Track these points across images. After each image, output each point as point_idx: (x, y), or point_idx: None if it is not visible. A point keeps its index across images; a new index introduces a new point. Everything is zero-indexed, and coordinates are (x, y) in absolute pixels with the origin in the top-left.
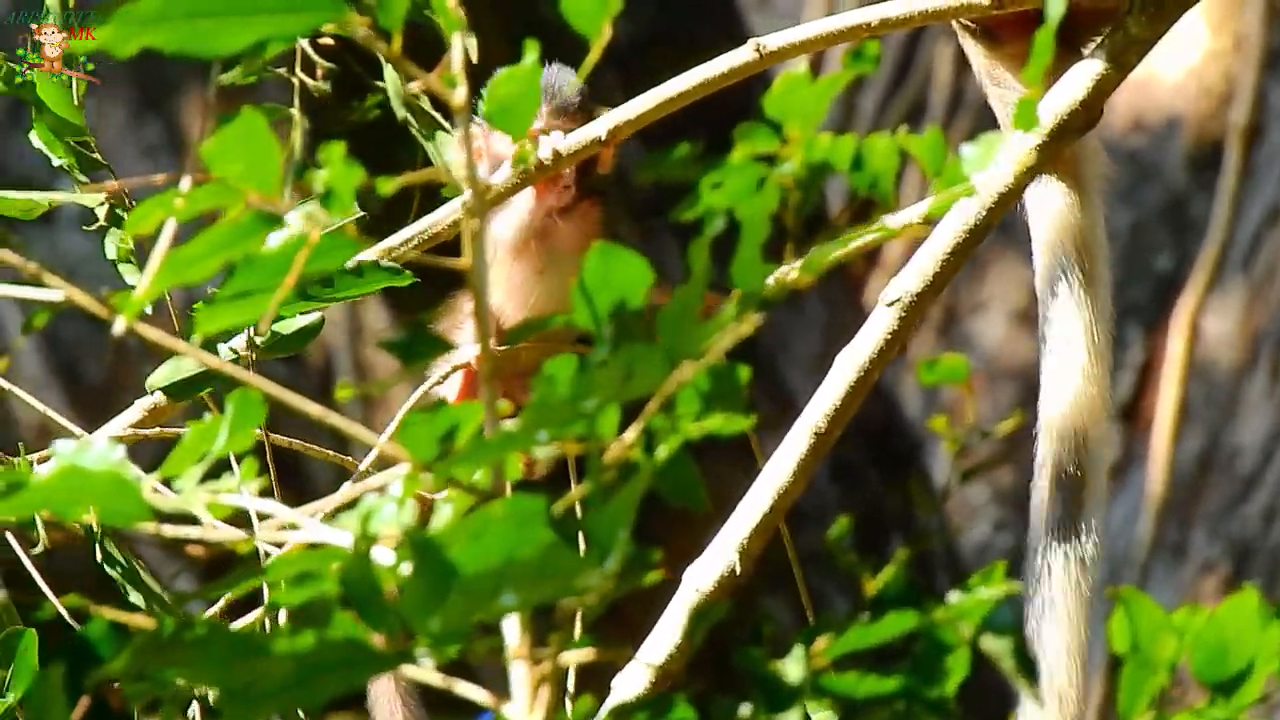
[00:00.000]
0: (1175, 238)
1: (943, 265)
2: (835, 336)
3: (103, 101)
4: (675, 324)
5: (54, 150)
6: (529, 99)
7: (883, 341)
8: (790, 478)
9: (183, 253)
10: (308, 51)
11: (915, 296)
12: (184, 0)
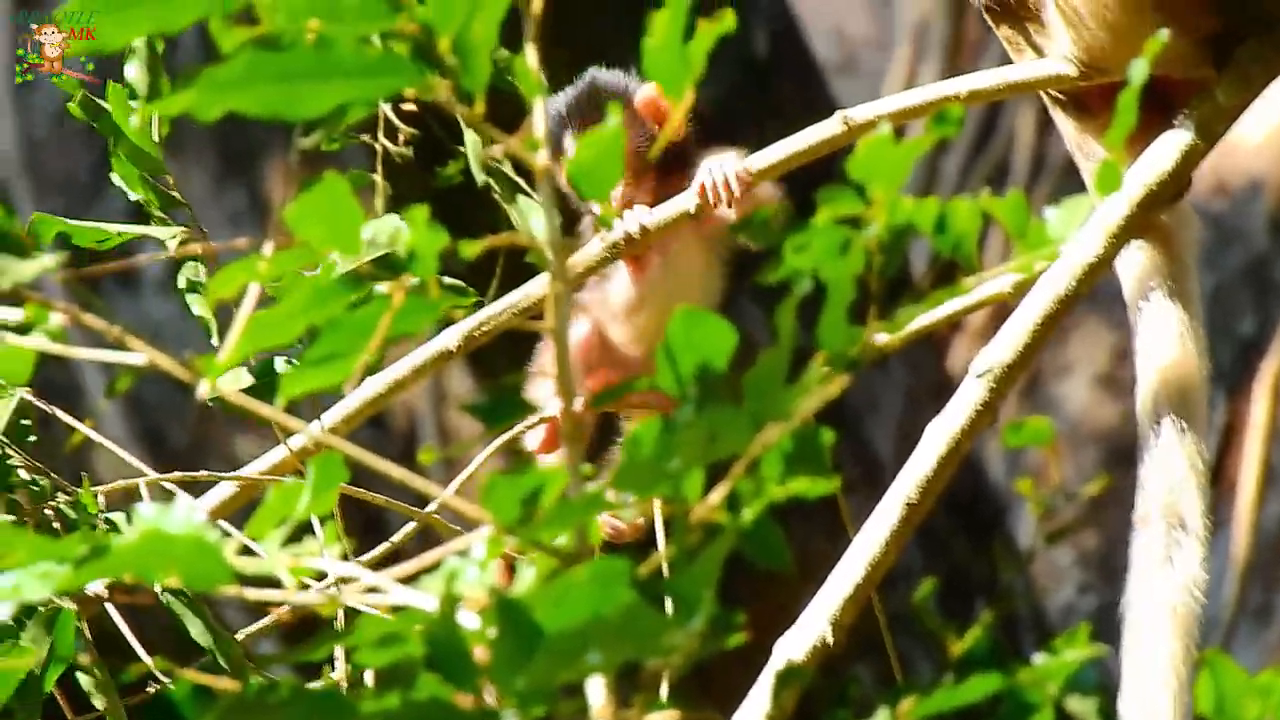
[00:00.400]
0: (1257, 301)
1: (1032, 335)
2: (920, 399)
3: (187, 168)
4: (761, 386)
5: (131, 185)
6: (611, 163)
7: (973, 413)
8: (882, 548)
9: (266, 316)
10: (390, 116)
11: (1006, 367)
12: (267, 64)
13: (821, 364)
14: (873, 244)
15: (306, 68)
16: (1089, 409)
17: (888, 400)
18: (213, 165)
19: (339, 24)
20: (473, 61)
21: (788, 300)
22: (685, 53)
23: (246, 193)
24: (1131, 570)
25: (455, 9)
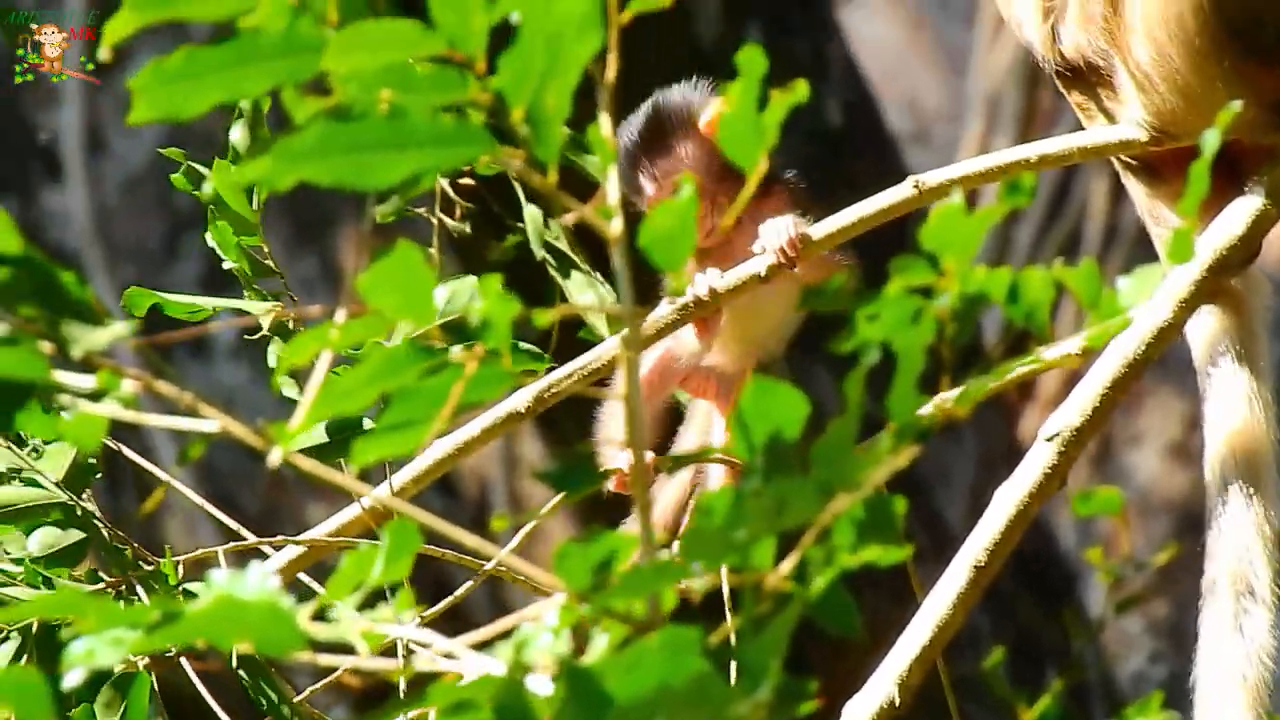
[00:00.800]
0: None
1: (1102, 400)
2: (991, 468)
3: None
4: (830, 455)
5: (227, 252)
6: (685, 234)
7: (1042, 477)
8: (949, 611)
9: (339, 384)
10: (448, 191)
11: (1075, 431)
12: (341, 134)
13: (891, 434)
14: (945, 314)
15: (379, 138)
16: (1160, 478)
17: (959, 469)
18: (285, 232)
19: (412, 94)
20: (546, 131)
21: (856, 370)
22: (759, 123)
23: (318, 260)
24: (1201, 638)
25: (528, 78)
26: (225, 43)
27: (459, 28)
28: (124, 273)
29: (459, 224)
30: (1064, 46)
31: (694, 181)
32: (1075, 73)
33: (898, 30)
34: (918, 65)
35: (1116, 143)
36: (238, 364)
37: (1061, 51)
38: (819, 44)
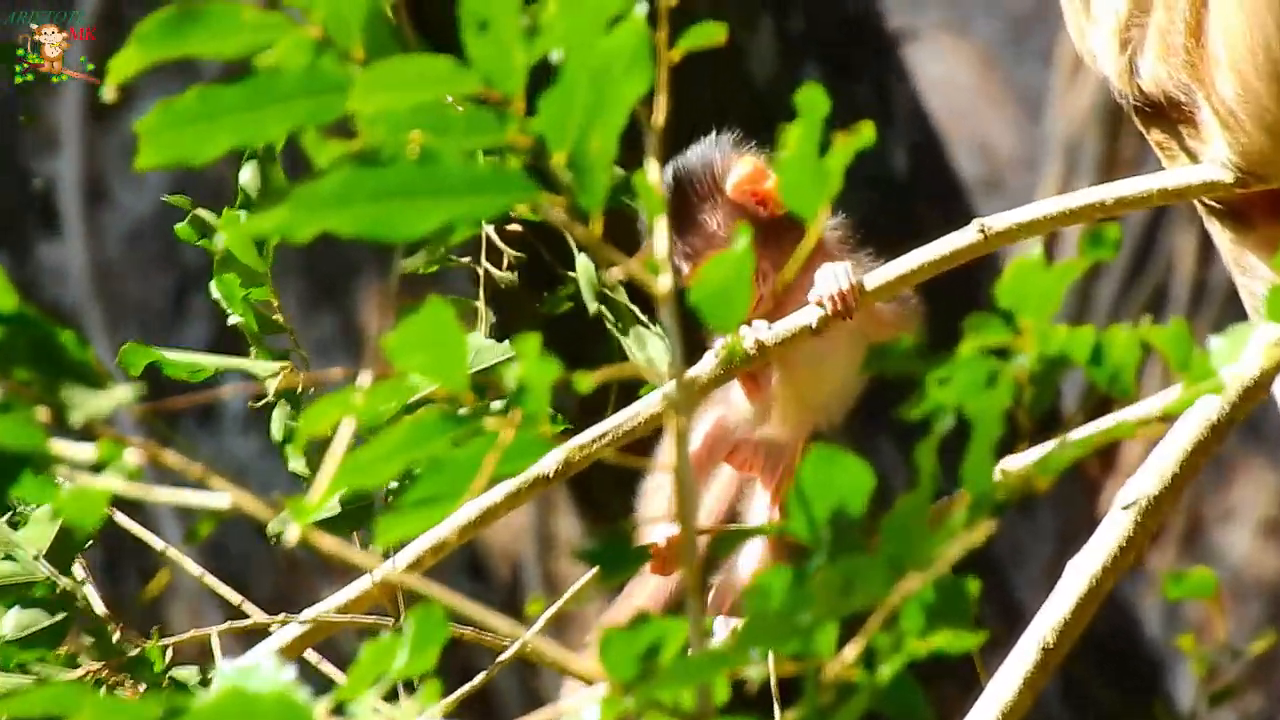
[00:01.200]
0: None
1: (1182, 466)
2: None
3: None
4: (900, 531)
5: (233, 306)
6: (739, 290)
7: (1117, 549)
8: (1016, 695)
9: (362, 454)
10: (493, 239)
11: (1153, 500)
12: (366, 180)
13: (966, 507)
14: (1022, 376)
15: (409, 184)
16: (1253, 557)
17: (1035, 547)
18: (301, 290)
19: (444, 136)
20: (590, 178)
21: (929, 438)
22: (821, 168)
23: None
24: None
25: (571, 121)
26: (241, 81)
27: (496, 64)
28: (126, 333)
29: (506, 275)
30: (1143, 80)
31: (748, 232)
32: (1155, 109)
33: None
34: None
35: (1199, 184)
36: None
37: (1140, 86)
38: (883, 85)
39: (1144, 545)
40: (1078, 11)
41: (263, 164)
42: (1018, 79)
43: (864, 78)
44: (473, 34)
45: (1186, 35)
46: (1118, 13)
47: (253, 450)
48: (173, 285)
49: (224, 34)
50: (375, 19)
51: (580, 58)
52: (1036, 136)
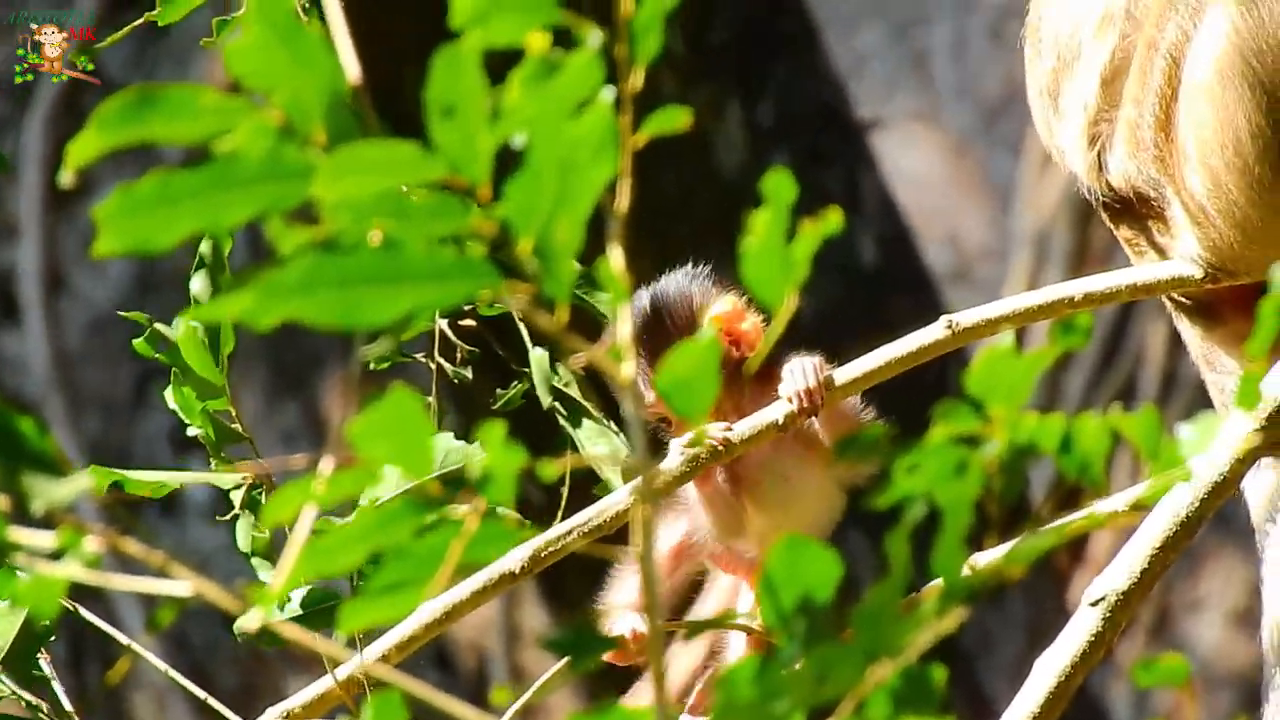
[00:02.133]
0: None
1: (1151, 561)
2: (1039, 637)
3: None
4: (872, 620)
5: (190, 418)
6: (706, 378)
7: (1086, 644)
8: None
9: (325, 541)
10: (447, 333)
11: (1122, 595)
12: (330, 267)
13: (937, 596)
14: (992, 465)
15: (372, 272)
16: (1223, 648)
17: (1004, 638)
18: (264, 380)
19: (408, 224)
20: (556, 265)
21: (900, 527)
22: (787, 256)
23: (300, 410)
24: None
25: (538, 207)
26: (202, 167)
27: (461, 150)
28: (88, 424)
29: (459, 369)
30: (1111, 176)
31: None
32: (1124, 205)
33: (938, 160)
34: (959, 198)
35: (1169, 280)
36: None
37: (1109, 181)
38: (852, 174)
39: (1114, 640)
40: (1046, 107)
41: (213, 270)
42: (988, 169)
43: (833, 167)
44: (438, 119)
45: (1156, 130)
46: (1086, 107)
47: (217, 541)
48: (134, 375)
49: (184, 118)
50: (337, 104)
51: (546, 143)
52: (1006, 227)
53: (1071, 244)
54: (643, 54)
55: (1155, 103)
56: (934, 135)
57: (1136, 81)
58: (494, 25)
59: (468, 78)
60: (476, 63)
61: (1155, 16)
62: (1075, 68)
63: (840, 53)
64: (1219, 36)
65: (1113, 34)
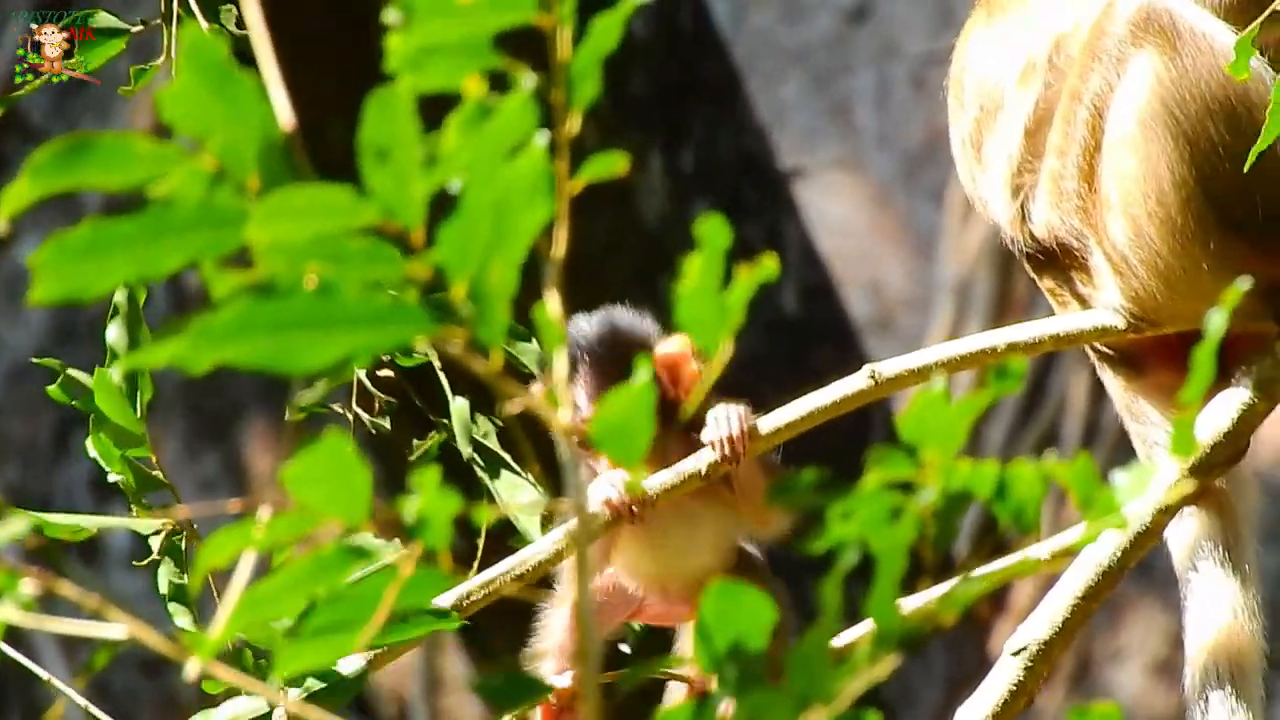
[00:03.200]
0: None
1: (1074, 610)
2: (960, 688)
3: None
4: (805, 665)
5: (110, 465)
6: (640, 424)
7: (1007, 694)
8: None
9: (262, 588)
10: (365, 383)
11: (1044, 645)
12: (264, 312)
13: (871, 641)
14: (926, 511)
15: (307, 316)
16: (1143, 697)
17: (925, 689)
18: (183, 429)
19: (343, 268)
20: (491, 309)
21: (834, 572)
22: (722, 301)
23: (220, 458)
24: None
25: (472, 252)
26: (136, 214)
27: (395, 195)
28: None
29: (377, 419)
30: (1035, 226)
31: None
32: (1047, 255)
33: (860, 209)
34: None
35: (1092, 330)
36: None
37: (1032, 232)
38: (774, 223)
39: (1035, 690)
40: (969, 157)
41: (129, 321)
42: (910, 218)
43: (755, 216)
44: (371, 164)
45: (1079, 181)
46: (1010, 158)
47: (137, 587)
48: (56, 423)
49: (118, 165)
50: (270, 149)
51: (481, 188)
52: (928, 276)
53: (993, 293)
54: (580, 99)
55: (1079, 153)
56: (856, 184)
57: (1060, 132)
58: (429, 69)
59: (401, 121)
60: (410, 106)
61: (1079, 67)
62: (999, 118)
63: (762, 101)
64: (1142, 87)
65: (1036, 84)
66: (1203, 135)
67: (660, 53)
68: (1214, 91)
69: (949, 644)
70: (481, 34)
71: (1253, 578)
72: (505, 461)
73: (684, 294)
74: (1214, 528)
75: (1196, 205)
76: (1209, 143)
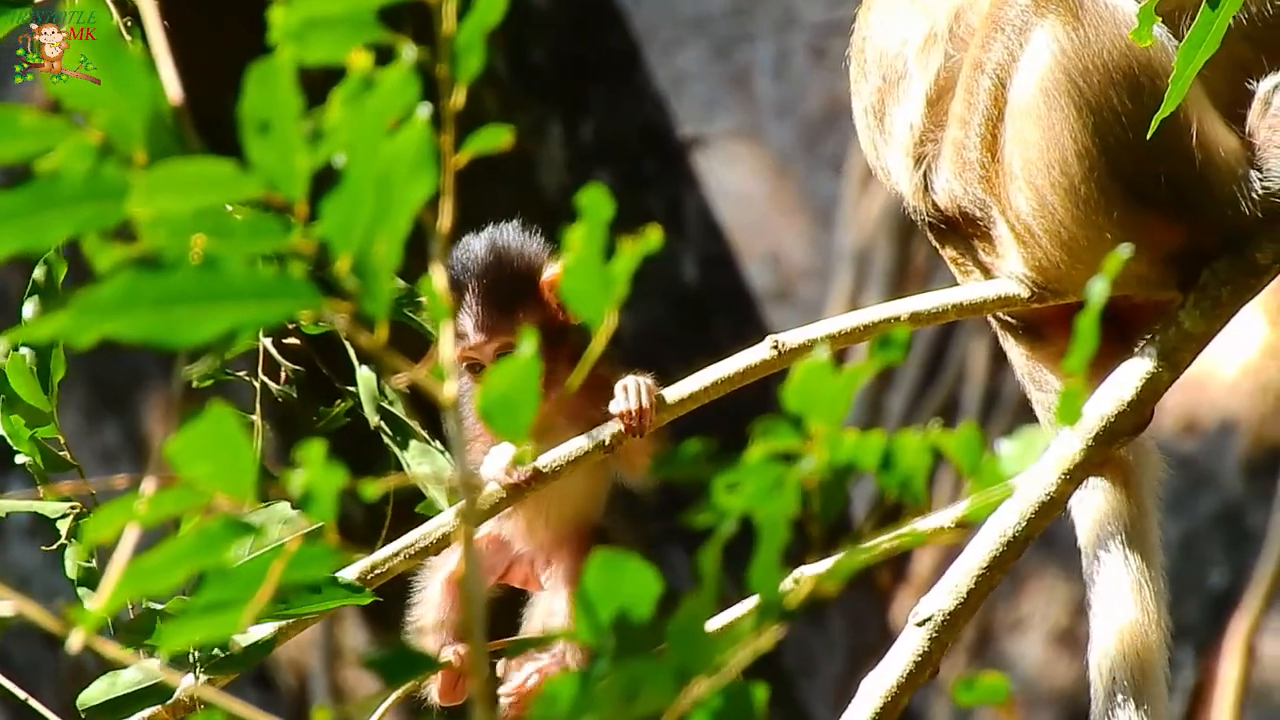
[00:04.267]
0: (1229, 550)
1: (978, 581)
2: (861, 658)
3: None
4: (685, 636)
5: (19, 445)
6: (527, 397)
7: (912, 664)
8: None
9: (145, 562)
10: (271, 352)
11: (948, 615)
12: (148, 285)
13: (754, 612)
14: (811, 483)
15: (191, 290)
16: (1045, 667)
17: (826, 658)
18: (84, 399)
19: (227, 241)
20: (375, 283)
21: (712, 541)
22: (606, 274)
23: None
24: None
25: (355, 226)
26: (22, 187)
27: (278, 168)
28: None
29: (284, 388)
30: (937, 196)
31: (535, 337)
32: (950, 225)
33: (760, 179)
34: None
35: (994, 299)
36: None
37: (935, 202)
38: (674, 194)
39: (939, 660)
40: (871, 127)
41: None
42: (809, 188)
43: (655, 186)
44: (254, 137)
45: (982, 151)
46: (912, 127)
47: (36, 560)
48: None
49: (5, 139)
50: (157, 124)
51: (363, 162)
52: (827, 246)
53: (893, 263)
54: (464, 73)
55: (981, 123)
56: (755, 154)
57: (962, 102)
58: (313, 42)
59: (283, 93)
60: (291, 78)
61: (981, 36)
62: (900, 87)
63: (661, 71)
64: (1044, 56)
65: (937, 54)
66: (1105, 104)
67: (560, 23)
68: (1116, 61)
69: (850, 614)
70: (366, 7)
71: (1157, 551)
72: (413, 430)
73: (567, 266)
74: (1119, 500)
75: (1100, 175)
76: (1112, 112)
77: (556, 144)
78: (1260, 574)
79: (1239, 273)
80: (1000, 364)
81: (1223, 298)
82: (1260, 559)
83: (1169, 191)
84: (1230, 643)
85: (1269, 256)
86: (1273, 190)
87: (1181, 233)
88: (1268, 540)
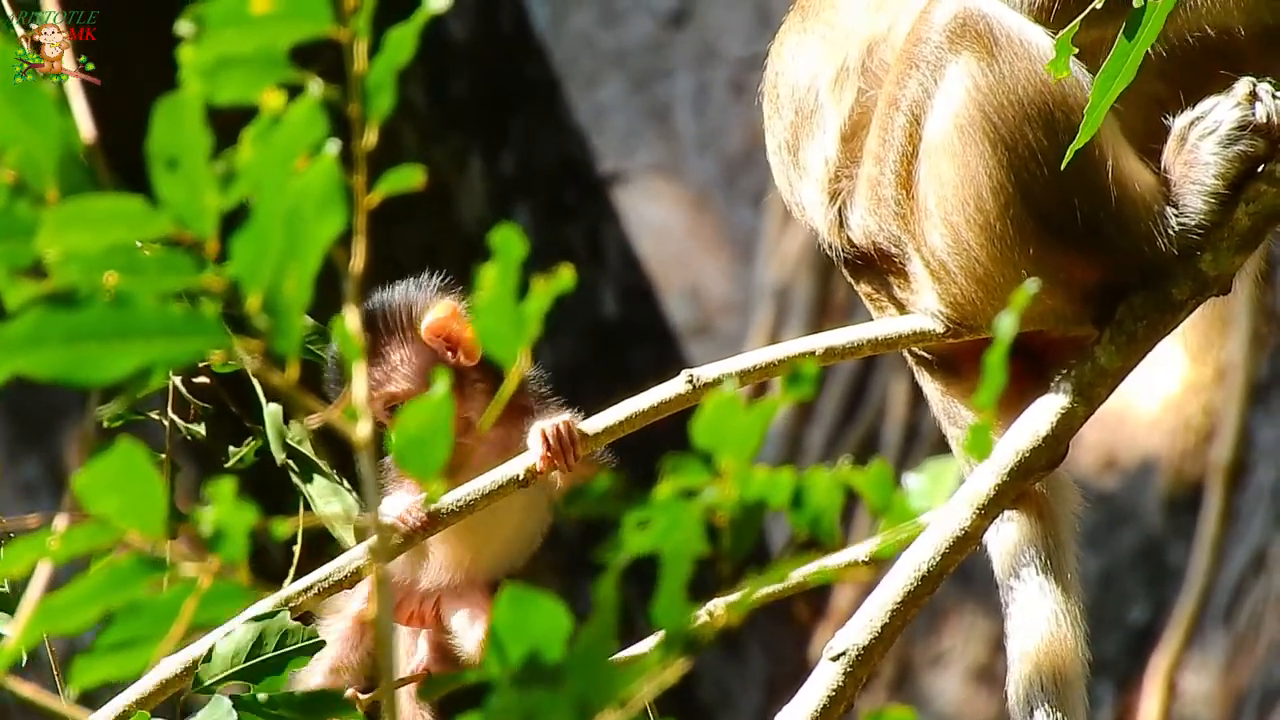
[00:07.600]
0: (1150, 586)
1: (892, 616)
2: (780, 692)
3: None
4: (584, 667)
5: None
6: (439, 438)
7: (826, 699)
8: None
9: (57, 599)
10: (181, 390)
11: (862, 650)
12: (58, 322)
13: (658, 645)
14: (721, 519)
15: (102, 327)
16: (964, 703)
17: (744, 693)
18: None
19: (138, 279)
20: (285, 321)
21: (609, 571)
22: (519, 313)
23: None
24: None
25: (265, 263)
26: None
27: (187, 205)
28: None
29: (192, 426)
30: (852, 232)
31: (448, 379)
32: (865, 261)
33: (679, 213)
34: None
35: (910, 334)
36: None
37: (850, 238)
38: (594, 227)
39: (854, 695)
40: (786, 163)
41: None
42: (729, 222)
43: (575, 219)
44: (162, 173)
45: (897, 187)
46: (827, 163)
47: None
48: None
49: None
50: (70, 161)
51: (271, 198)
52: (747, 281)
53: (813, 298)
54: (376, 111)
55: (896, 160)
56: (675, 188)
57: (877, 138)
58: (224, 81)
59: (190, 128)
60: (199, 113)
61: (895, 73)
62: (814, 121)
63: (582, 105)
64: (959, 93)
65: (850, 89)
66: (1020, 141)
67: (480, 55)
68: (1031, 97)
69: (767, 648)
70: (277, 46)
71: (1075, 584)
72: (319, 467)
73: (479, 305)
74: (1035, 533)
75: (1015, 211)
76: (1027, 148)
77: (476, 176)
78: (1180, 610)
79: (1155, 308)
80: (920, 400)
81: (1139, 333)
82: (1181, 595)
83: (1085, 227)
84: (1150, 678)
85: (1185, 292)
86: (1189, 226)
87: (1098, 268)
88: (1188, 576)
